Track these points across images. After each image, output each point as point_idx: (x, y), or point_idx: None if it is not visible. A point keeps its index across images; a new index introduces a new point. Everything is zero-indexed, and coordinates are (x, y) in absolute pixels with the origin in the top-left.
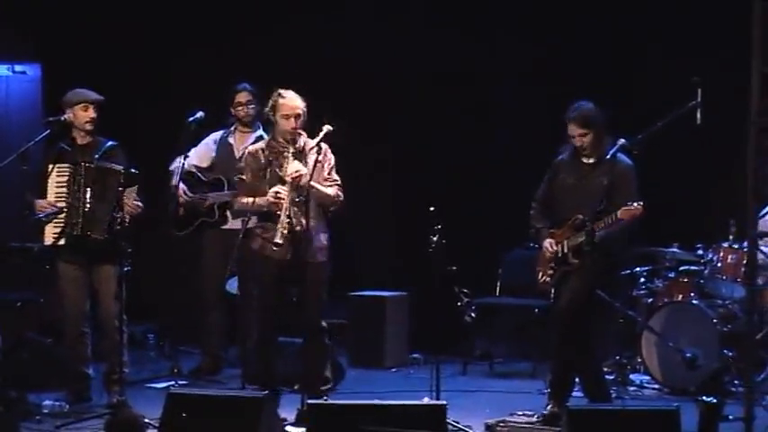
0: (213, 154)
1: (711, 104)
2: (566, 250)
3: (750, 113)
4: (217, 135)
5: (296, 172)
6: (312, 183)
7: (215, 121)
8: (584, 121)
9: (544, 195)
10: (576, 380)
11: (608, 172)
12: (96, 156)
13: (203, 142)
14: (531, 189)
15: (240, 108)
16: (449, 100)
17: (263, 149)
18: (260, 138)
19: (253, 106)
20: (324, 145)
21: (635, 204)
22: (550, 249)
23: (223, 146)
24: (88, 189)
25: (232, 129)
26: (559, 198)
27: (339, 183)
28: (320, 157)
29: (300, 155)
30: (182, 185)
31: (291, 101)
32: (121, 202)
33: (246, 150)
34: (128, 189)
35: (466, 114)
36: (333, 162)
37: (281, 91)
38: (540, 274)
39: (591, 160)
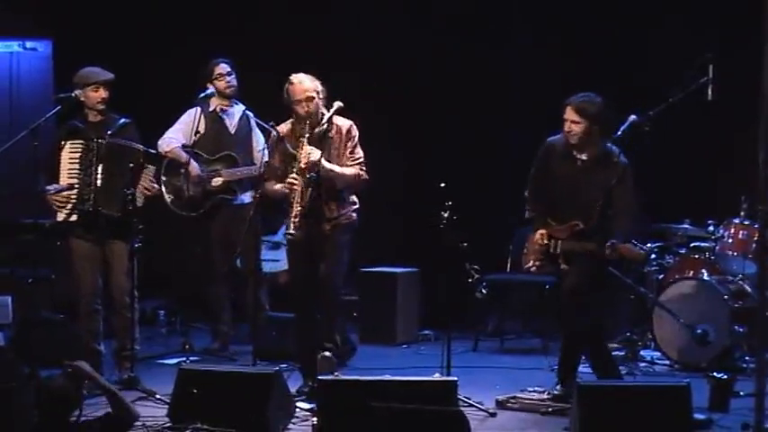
0: (202, 130)
1: (723, 80)
2: (557, 251)
3: (763, 88)
4: (194, 112)
5: (308, 155)
6: (330, 166)
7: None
8: (581, 110)
9: (537, 178)
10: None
11: (611, 170)
12: (109, 132)
13: (182, 120)
14: None
15: (221, 79)
16: (460, 77)
17: (289, 134)
18: (245, 113)
19: (233, 77)
20: (347, 122)
21: (639, 248)
22: (541, 242)
23: (214, 121)
24: (100, 165)
25: (215, 105)
26: (552, 188)
27: (361, 161)
28: (332, 134)
29: (324, 138)
30: (194, 164)
31: (300, 84)
32: (136, 180)
33: (277, 133)
34: (145, 170)
35: (478, 91)
36: (356, 139)
37: (292, 76)
38: (530, 261)
39: (583, 156)
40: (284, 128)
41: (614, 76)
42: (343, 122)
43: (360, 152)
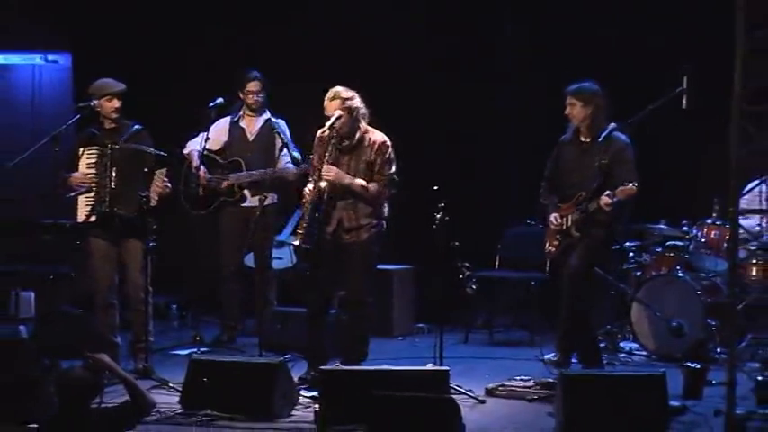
0: (225, 138)
1: (697, 85)
2: (569, 224)
3: (734, 95)
4: (225, 120)
5: (326, 172)
6: (348, 181)
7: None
8: (577, 93)
9: (550, 174)
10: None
11: (604, 151)
12: (122, 138)
13: (213, 128)
14: (529, 169)
15: (251, 96)
16: (451, 79)
17: (326, 136)
18: (268, 120)
19: (262, 95)
20: (380, 138)
21: (630, 185)
22: (555, 222)
23: (235, 129)
24: (114, 168)
25: (241, 113)
26: (561, 177)
27: (388, 177)
28: (364, 146)
29: (356, 149)
30: (202, 168)
31: (333, 90)
32: (150, 181)
33: (316, 135)
34: (157, 171)
35: (468, 93)
36: (387, 155)
37: None
38: (547, 244)
39: (587, 139)
40: (324, 130)
41: (614, 76)
42: (377, 137)
43: (388, 169)
